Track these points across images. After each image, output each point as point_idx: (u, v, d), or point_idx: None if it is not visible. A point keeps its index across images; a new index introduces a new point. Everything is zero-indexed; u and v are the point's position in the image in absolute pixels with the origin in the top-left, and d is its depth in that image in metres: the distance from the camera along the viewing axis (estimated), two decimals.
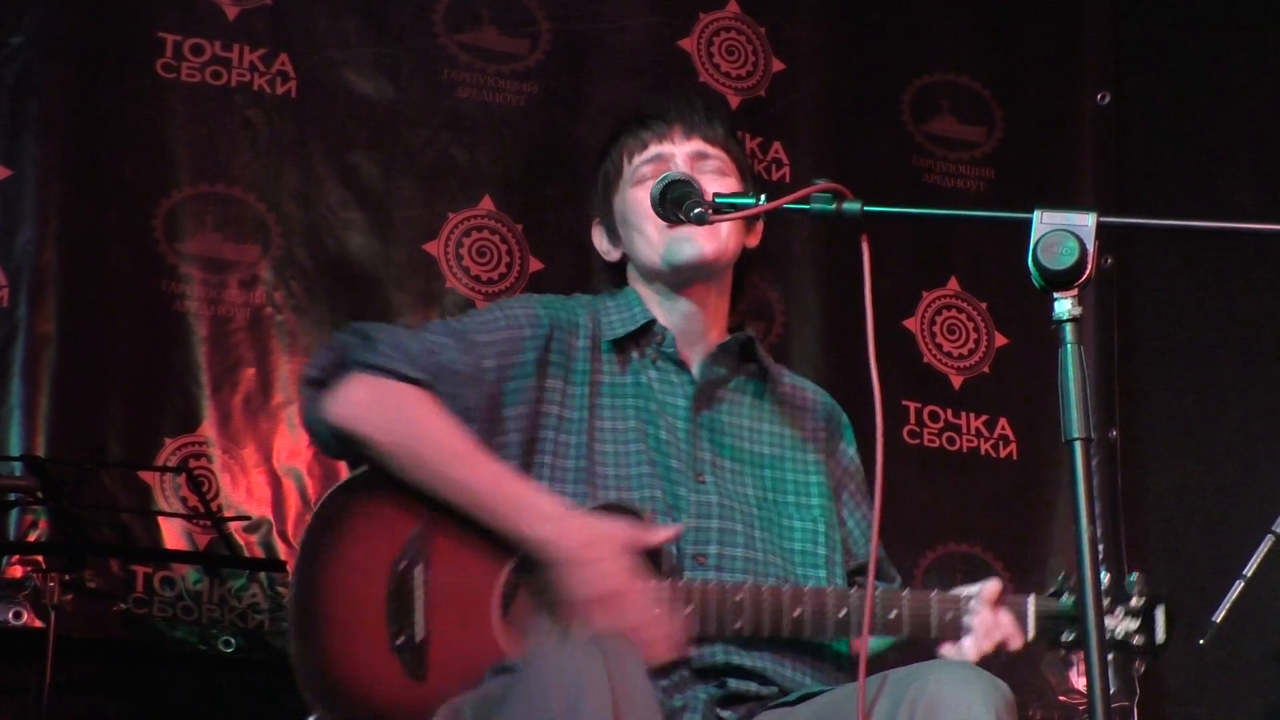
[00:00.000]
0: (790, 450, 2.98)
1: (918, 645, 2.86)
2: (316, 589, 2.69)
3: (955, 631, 2.81)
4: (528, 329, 2.88)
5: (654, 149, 2.98)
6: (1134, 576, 2.85)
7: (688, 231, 2.85)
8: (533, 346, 2.87)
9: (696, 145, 2.98)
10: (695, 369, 2.96)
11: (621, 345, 2.94)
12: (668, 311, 2.97)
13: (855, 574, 2.99)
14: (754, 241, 3.03)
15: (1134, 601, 2.84)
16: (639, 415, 2.88)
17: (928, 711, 2.48)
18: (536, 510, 2.71)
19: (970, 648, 2.80)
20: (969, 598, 2.83)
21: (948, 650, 2.82)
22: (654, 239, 2.92)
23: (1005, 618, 2.82)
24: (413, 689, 2.66)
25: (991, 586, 2.83)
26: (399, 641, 2.67)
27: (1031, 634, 2.84)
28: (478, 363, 2.81)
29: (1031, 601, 2.85)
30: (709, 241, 2.91)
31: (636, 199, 2.94)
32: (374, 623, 2.67)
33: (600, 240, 3.08)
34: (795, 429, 3.00)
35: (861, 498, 3.07)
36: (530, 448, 2.82)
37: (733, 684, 2.75)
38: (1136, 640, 2.85)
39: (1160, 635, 2.85)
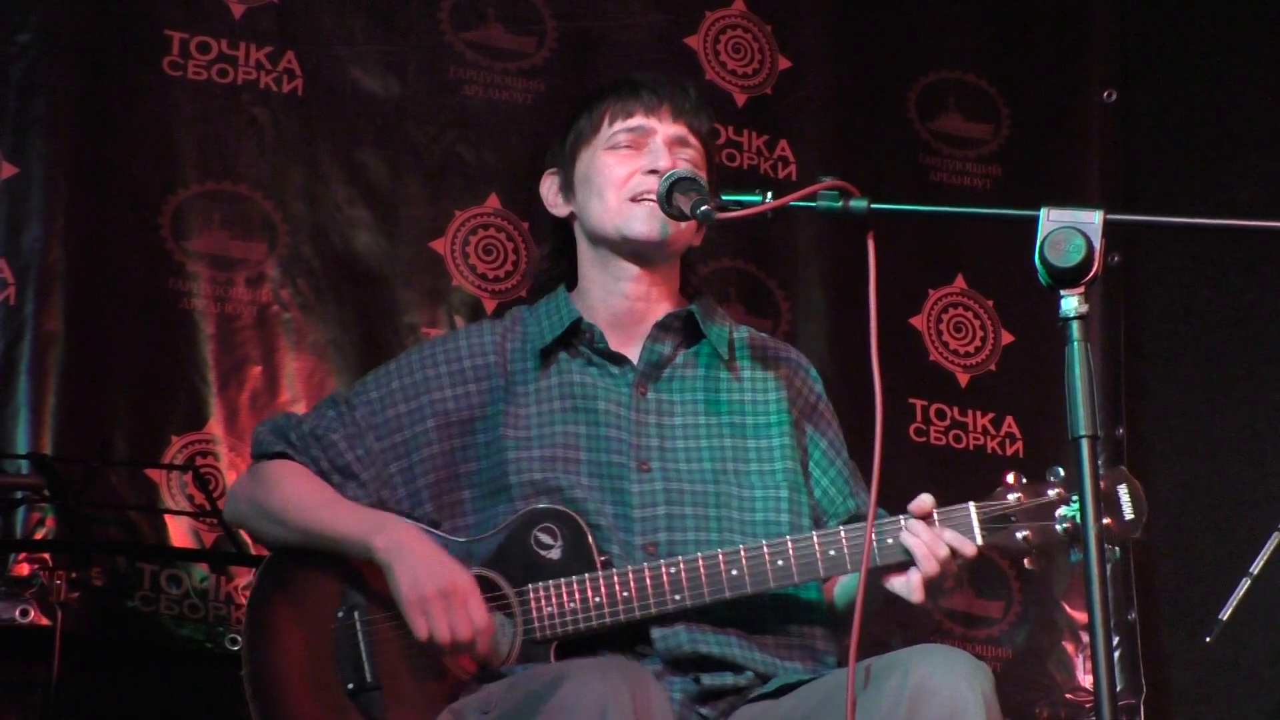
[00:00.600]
0: (751, 415, 2.94)
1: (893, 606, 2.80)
2: (267, 653, 2.78)
3: (898, 554, 2.71)
4: (419, 373, 2.92)
5: (638, 120, 2.93)
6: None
7: (644, 209, 2.85)
8: (426, 390, 2.90)
9: (680, 130, 2.93)
10: (637, 353, 2.92)
11: (549, 351, 2.92)
12: (608, 291, 2.93)
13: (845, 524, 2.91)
14: (697, 241, 2.99)
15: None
16: (568, 416, 2.86)
17: (913, 697, 2.48)
18: (367, 520, 2.76)
19: (917, 578, 2.70)
20: (903, 516, 2.74)
21: (895, 584, 2.73)
22: (612, 206, 2.89)
23: (948, 534, 2.70)
24: None
25: (921, 500, 2.74)
26: (351, 687, 2.73)
27: (980, 540, 2.72)
28: (365, 420, 2.89)
29: (972, 508, 2.75)
30: (657, 223, 2.86)
31: (607, 163, 2.91)
32: (326, 675, 2.74)
33: (550, 192, 3.02)
34: (756, 391, 2.96)
35: (837, 449, 3.01)
36: (450, 484, 2.85)
37: (707, 680, 2.74)
38: (1103, 522, 2.67)
39: (1128, 512, 2.72)
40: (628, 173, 2.89)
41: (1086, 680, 4.59)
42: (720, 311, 3.02)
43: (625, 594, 2.71)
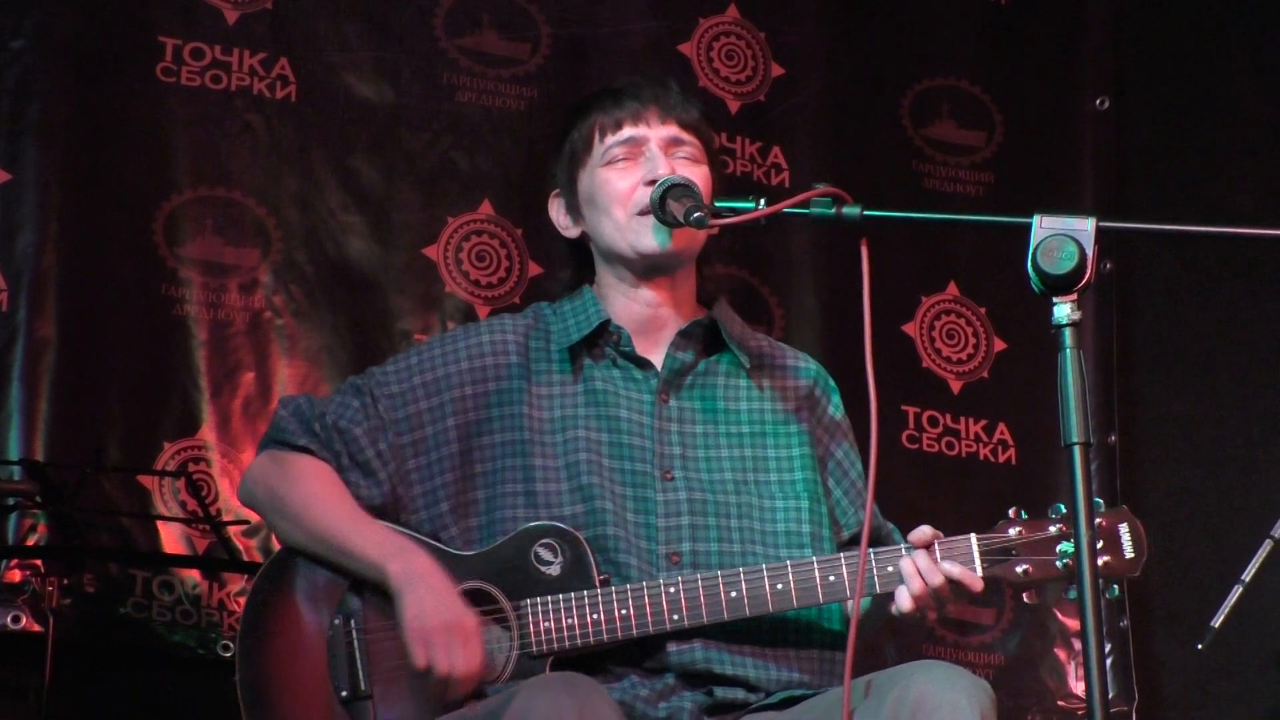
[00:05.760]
0: (771, 425, 2.93)
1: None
2: (261, 659, 2.77)
3: (897, 581, 2.73)
4: (441, 369, 2.89)
5: (628, 130, 2.90)
6: (1096, 501, 2.71)
7: (653, 222, 2.82)
8: (448, 386, 2.87)
9: (672, 130, 2.90)
10: (660, 360, 2.91)
11: (574, 351, 2.90)
12: (629, 299, 2.92)
13: (849, 545, 2.93)
14: (714, 230, 2.93)
15: (1095, 522, 2.68)
16: (591, 422, 2.85)
17: (913, 712, 2.48)
18: (387, 544, 2.75)
19: (904, 595, 2.71)
20: (905, 545, 2.76)
21: (893, 606, 2.74)
22: (621, 223, 2.86)
23: (955, 568, 2.71)
24: None
25: (921, 531, 2.75)
26: (344, 695, 2.72)
27: (980, 571, 2.72)
28: (387, 415, 2.87)
29: (974, 539, 2.75)
30: (674, 235, 2.85)
31: (607, 180, 2.88)
32: (319, 682, 2.74)
33: (559, 214, 3.00)
34: (776, 400, 2.95)
35: (851, 460, 3.00)
36: (465, 484, 2.83)
37: (719, 692, 2.74)
38: (1102, 560, 2.74)
39: (1128, 550, 2.75)
40: (630, 186, 2.86)
41: (1079, 687, 4.59)
42: (738, 319, 3.02)
43: (624, 612, 2.70)
